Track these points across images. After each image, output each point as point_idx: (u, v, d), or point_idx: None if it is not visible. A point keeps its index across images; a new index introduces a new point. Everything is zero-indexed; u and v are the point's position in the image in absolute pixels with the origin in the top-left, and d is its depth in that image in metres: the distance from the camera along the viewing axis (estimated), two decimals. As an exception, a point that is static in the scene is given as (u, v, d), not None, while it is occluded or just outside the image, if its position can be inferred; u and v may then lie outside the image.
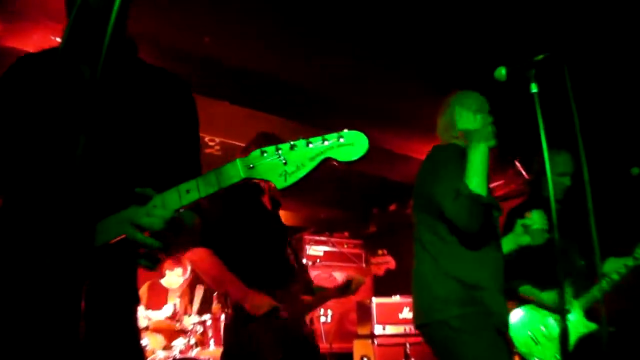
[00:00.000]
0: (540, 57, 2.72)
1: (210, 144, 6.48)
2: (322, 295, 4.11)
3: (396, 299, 6.80)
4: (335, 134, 1.47)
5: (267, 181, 1.47)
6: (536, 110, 2.67)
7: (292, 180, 1.47)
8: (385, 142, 7.11)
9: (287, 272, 3.84)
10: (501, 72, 2.85)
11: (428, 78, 5.28)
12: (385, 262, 4.45)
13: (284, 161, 1.46)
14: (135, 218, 1.52)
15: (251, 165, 1.49)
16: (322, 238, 8.81)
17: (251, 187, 3.91)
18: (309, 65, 5.38)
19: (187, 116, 1.94)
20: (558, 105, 2.97)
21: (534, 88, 2.72)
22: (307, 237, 8.66)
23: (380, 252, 4.42)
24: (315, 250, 8.58)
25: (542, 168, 4.17)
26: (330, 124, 6.73)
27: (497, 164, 6.59)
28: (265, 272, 3.68)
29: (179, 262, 7.40)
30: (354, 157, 1.46)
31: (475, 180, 2.87)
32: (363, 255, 9.02)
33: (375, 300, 6.78)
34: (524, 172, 6.63)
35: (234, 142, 6.40)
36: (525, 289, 4.07)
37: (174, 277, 7.42)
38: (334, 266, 8.59)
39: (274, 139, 4.00)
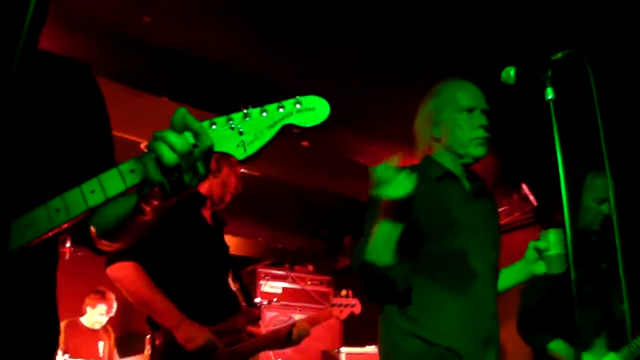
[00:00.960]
0: (560, 55, 2.64)
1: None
2: (252, 343, 4.02)
3: (370, 349, 6.74)
4: (291, 100, 1.59)
5: (223, 154, 1.54)
6: (552, 121, 2.56)
7: (252, 149, 1.55)
8: (360, 152, 7.03)
9: (228, 301, 3.79)
10: (509, 73, 2.76)
11: (416, 75, 5.21)
12: (350, 305, 4.39)
13: (239, 131, 1.55)
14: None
15: None
16: (281, 272, 8.70)
17: (191, 196, 3.87)
18: (272, 60, 5.30)
19: (94, 108, 1.93)
20: (580, 115, 2.91)
21: (549, 94, 2.62)
22: (261, 270, 8.55)
23: (344, 292, 4.37)
24: (272, 286, 8.47)
25: (578, 193, 4.06)
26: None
27: (499, 185, 6.56)
28: (201, 297, 3.66)
29: (103, 298, 7.29)
30: (316, 122, 1.58)
31: (372, 244, 2.73)
32: (331, 294, 8.93)
33: (344, 350, 6.72)
34: (532, 198, 6.61)
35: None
36: (558, 346, 3.89)
37: (96, 316, 7.31)
38: (295, 307, 8.48)
39: None
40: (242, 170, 4.27)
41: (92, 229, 1.80)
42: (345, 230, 9.32)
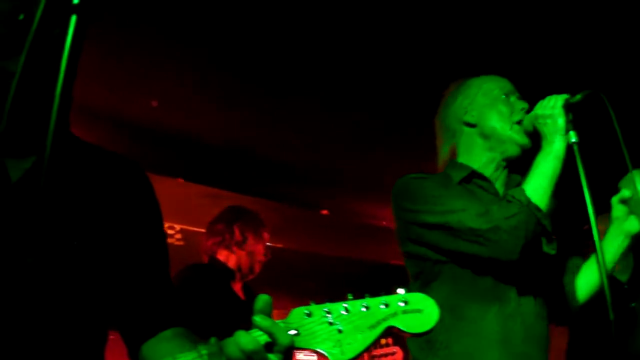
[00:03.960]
0: (579, 97, 2.44)
1: (170, 232, 6.26)
2: None
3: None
4: (397, 297, 1.44)
5: (318, 353, 1.38)
6: (577, 165, 2.32)
7: (351, 353, 1.38)
8: (382, 217, 6.98)
9: None
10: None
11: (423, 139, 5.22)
12: (391, 353, 4.26)
13: (338, 328, 1.40)
14: None
15: (294, 331, 1.41)
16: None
17: (218, 269, 3.83)
18: (279, 135, 5.31)
19: (149, 213, 1.72)
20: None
21: (572, 137, 2.40)
22: (295, 340, 8.42)
23: (383, 341, 4.29)
24: (306, 354, 8.31)
25: None
26: (311, 199, 6.65)
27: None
28: None
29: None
30: (422, 329, 1.40)
31: (536, 183, 2.35)
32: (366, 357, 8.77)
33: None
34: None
35: (199, 230, 6.19)
36: None
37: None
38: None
39: (246, 214, 3.91)
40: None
41: None
42: (371, 293, 9.19)
